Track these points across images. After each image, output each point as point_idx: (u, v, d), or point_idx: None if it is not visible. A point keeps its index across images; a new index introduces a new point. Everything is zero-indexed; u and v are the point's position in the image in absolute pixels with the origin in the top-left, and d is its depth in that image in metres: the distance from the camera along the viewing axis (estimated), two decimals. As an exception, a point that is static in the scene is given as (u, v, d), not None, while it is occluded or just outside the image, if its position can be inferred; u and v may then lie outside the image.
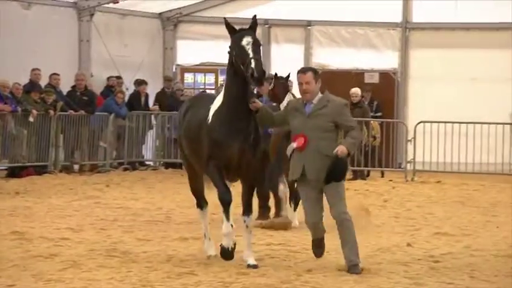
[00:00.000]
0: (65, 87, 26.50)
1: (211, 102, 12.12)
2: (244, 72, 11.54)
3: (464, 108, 27.90)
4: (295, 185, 13.14)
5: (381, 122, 28.10)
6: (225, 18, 11.99)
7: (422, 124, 27.03)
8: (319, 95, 11.63)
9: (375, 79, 30.29)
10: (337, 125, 11.52)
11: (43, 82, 25.90)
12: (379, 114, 28.73)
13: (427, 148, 26.80)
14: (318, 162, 11.47)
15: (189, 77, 31.82)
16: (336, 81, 29.68)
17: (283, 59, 29.58)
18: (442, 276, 12.09)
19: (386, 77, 30.36)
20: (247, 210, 12.23)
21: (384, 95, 29.63)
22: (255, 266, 11.98)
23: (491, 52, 29.10)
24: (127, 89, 28.46)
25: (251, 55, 11.58)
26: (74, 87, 26.71)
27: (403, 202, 21.01)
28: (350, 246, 11.68)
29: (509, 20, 28.79)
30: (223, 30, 11.94)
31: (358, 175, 26.74)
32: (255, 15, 12.04)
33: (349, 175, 26.73)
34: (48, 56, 26.54)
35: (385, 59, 30.40)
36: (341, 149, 11.28)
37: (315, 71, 11.79)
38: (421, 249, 14.31)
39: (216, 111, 11.96)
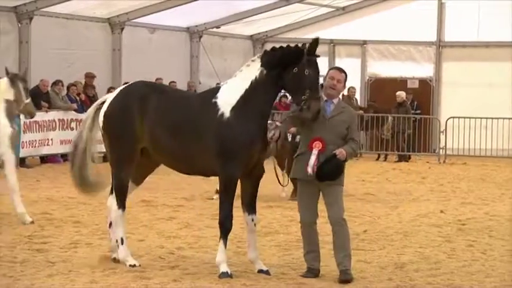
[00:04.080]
0: (180, 91, 26.77)
1: (191, 93, 9.03)
2: (301, 94, 8.67)
3: (483, 106, 27.56)
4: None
5: (420, 118, 27.99)
6: (318, 38, 8.97)
7: (451, 119, 26.82)
8: (338, 98, 9.11)
9: (416, 85, 30.02)
10: (347, 132, 8.93)
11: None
12: (418, 111, 28.53)
13: (455, 137, 26.56)
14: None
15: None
16: (385, 86, 29.55)
17: (345, 70, 29.48)
18: (468, 235, 11.98)
19: (424, 83, 30.06)
20: (254, 208, 9.10)
21: (422, 97, 29.40)
22: (267, 272, 9.02)
23: (505, 64, 28.77)
24: (226, 92, 28.57)
25: (321, 93, 8.85)
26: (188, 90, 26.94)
27: (437, 179, 20.81)
28: (344, 253, 8.89)
29: (520, 39, 28.58)
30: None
31: (402, 158, 26.58)
32: (317, 38, 9.01)
33: (394, 158, 26.68)
34: (168, 68, 26.74)
35: (423, 69, 30.16)
36: (340, 151, 8.72)
37: (347, 74, 9.22)
38: (451, 215, 14.19)
39: (237, 107, 8.80)
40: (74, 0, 22.78)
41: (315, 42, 8.89)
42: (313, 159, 8.76)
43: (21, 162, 20.94)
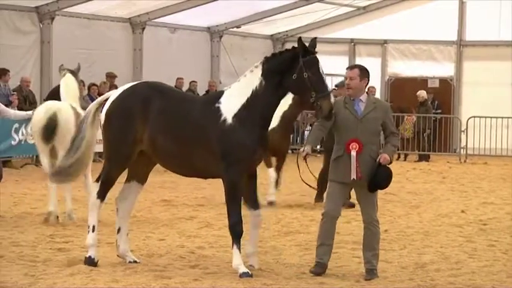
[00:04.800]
0: (201, 91, 26.73)
1: (192, 96, 9.04)
2: (308, 96, 8.65)
3: (505, 106, 27.47)
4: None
5: (441, 117, 27.92)
6: (299, 37, 9.02)
7: (472, 118, 26.72)
8: (365, 94, 8.94)
9: (436, 84, 29.92)
10: (383, 128, 8.93)
11: (184, 87, 26.20)
12: (439, 111, 28.48)
13: (476, 137, 26.48)
14: (371, 167, 8.78)
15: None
16: (405, 86, 29.46)
17: (365, 69, 29.74)
18: (489, 235, 11.92)
19: (445, 82, 29.95)
20: (258, 203, 9.13)
21: (443, 96, 29.29)
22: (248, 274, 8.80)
23: (527, 63, 28.74)
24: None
25: (328, 89, 8.70)
26: (207, 91, 26.89)
27: (457, 179, 20.73)
28: (373, 252, 8.92)
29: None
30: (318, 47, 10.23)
31: (423, 158, 26.50)
32: (315, 38, 8.99)
33: (414, 157, 26.60)
34: (188, 67, 26.79)
35: (444, 69, 30.06)
36: (384, 157, 8.73)
37: (362, 68, 8.98)
38: (472, 214, 14.12)
39: (238, 114, 8.84)
40: (95, 0, 22.87)
41: (312, 42, 8.86)
42: (353, 162, 8.73)
43: (43, 161, 21.05)
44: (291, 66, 8.75)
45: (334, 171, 8.93)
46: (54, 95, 22.20)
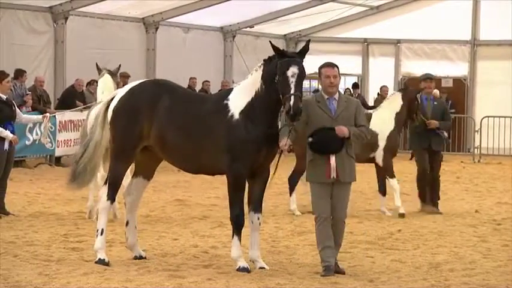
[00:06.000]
0: (214, 90, 26.74)
1: (197, 94, 9.53)
2: (281, 100, 8.78)
3: (519, 106, 27.49)
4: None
5: (454, 117, 27.79)
6: (270, 41, 9.34)
7: (486, 118, 26.65)
8: (337, 93, 9.02)
9: (450, 84, 29.86)
10: (354, 123, 8.95)
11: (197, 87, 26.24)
12: (452, 111, 28.34)
13: (490, 136, 26.41)
14: (348, 165, 8.91)
15: (304, 83, 31.80)
16: (418, 85, 29.35)
17: (379, 69, 29.80)
18: (503, 235, 11.90)
19: (459, 82, 29.88)
20: (259, 207, 9.19)
21: (457, 96, 29.22)
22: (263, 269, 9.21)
23: (541, 62, 28.63)
24: (259, 91, 28.57)
25: (292, 90, 8.64)
26: (220, 90, 26.92)
27: (471, 178, 20.68)
28: (338, 247, 9.11)
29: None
30: (329, 47, 9.94)
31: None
32: (309, 40, 9.10)
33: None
34: (201, 67, 26.81)
35: (458, 68, 29.97)
36: (341, 129, 8.78)
37: (338, 67, 9.07)
38: (486, 214, 14.09)
39: (245, 111, 9.00)
40: (108, 0, 22.91)
41: (305, 44, 8.99)
42: (333, 160, 8.80)
43: (57, 161, 21.10)
44: (275, 69, 8.91)
45: (312, 172, 8.98)
46: (68, 94, 22.39)
